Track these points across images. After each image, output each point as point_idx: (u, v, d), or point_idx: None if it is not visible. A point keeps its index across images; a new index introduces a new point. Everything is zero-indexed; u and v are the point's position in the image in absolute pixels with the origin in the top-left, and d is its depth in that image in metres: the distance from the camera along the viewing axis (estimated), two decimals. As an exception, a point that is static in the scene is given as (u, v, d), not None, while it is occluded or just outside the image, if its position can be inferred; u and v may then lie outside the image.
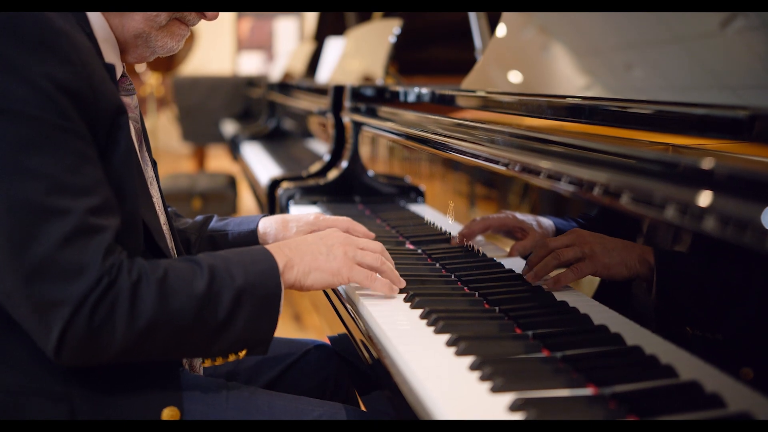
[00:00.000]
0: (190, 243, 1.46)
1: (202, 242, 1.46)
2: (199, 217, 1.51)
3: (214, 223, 1.49)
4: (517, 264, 1.28)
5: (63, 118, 0.92)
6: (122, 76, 1.14)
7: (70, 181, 0.92)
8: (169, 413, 1.05)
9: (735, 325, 0.82)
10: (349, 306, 1.24)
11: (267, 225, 1.44)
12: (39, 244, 0.89)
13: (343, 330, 1.32)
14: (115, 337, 0.92)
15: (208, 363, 1.06)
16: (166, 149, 9.30)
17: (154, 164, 1.29)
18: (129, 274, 0.93)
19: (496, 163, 1.24)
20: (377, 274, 1.19)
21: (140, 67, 7.12)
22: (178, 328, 0.96)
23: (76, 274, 0.90)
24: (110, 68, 1.04)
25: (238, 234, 1.44)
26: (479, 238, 1.42)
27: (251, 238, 1.43)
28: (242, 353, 1.06)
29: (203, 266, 1.00)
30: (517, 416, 0.80)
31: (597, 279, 1.08)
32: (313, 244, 1.14)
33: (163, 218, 1.22)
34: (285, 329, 1.03)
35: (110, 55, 1.08)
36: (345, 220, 1.44)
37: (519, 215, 1.26)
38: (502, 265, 1.31)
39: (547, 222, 1.18)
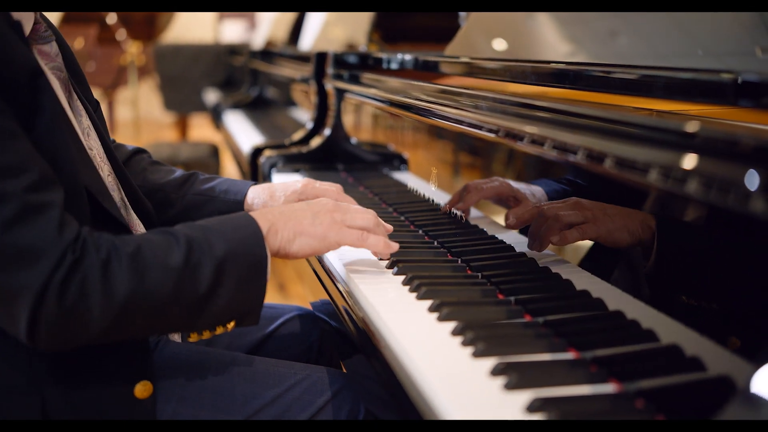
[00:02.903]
0: (170, 203, 1.37)
1: (185, 204, 1.37)
2: (178, 173, 1.41)
3: (199, 184, 1.39)
4: (500, 231, 1.28)
5: None
6: (36, 23, 1.03)
7: None
8: (141, 389, 1.03)
9: (717, 290, 0.82)
10: (331, 272, 1.24)
11: (254, 195, 1.39)
12: None
13: (326, 297, 1.32)
14: (92, 318, 0.87)
15: (194, 337, 1.01)
16: (148, 118, 9.20)
17: (97, 105, 1.20)
18: (97, 252, 0.88)
19: (480, 128, 1.23)
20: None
21: (120, 36, 7.00)
22: (158, 304, 0.91)
23: (32, 258, 0.84)
24: (16, 26, 0.95)
25: (224, 201, 1.37)
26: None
27: (238, 208, 1.37)
28: (230, 325, 1.00)
29: (179, 237, 0.95)
30: (500, 380, 0.80)
31: (581, 244, 1.08)
32: (298, 210, 1.09)
33: (107, 169, 1.13)
34: (269, 298, 1.03)
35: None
36: (334, 190, 1.39)
37: (513, 183, 1.23)
38: (485, 232, 1.31)
39: (539, 190, 1.17)
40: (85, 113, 1.12)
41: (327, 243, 1.09)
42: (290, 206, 1.11)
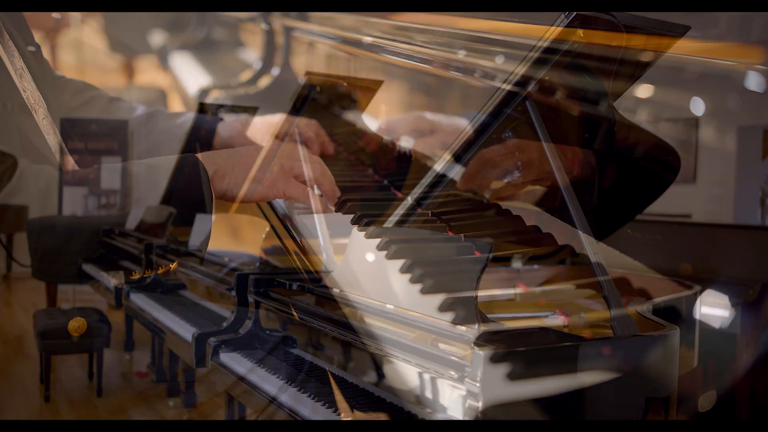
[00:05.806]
0: (136, 139, 1.37)
1: (151, 142, 1.38)
2: (140, 109, 1.41)
3: (165, 120, 1.40)
4: (450, 169, 1.27)
5: None
6: None
7: None
8: (74, 325, 1.01)
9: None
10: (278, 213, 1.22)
11: (231, 129, 1.40)
12: None
13: (278, 242, 1.29)
14: None
15: (137, 275, 1.00)
16: (94, 63, 8.92)
17: (37, 47, 1.17)
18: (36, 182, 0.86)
19: (432, 63, 1.20)
20: (314, 189, 1.12)
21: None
22: None
23: None
24: None
25: (195, 138, 1.39)
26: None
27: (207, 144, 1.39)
28: (174, 265, 0.98)
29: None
30: (447, 317, 0.79)
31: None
32: (247, 155, 1.07)
33: (42, 112, 1.10)
34: (221, 243, 1.00)
35: None
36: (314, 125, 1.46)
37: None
38: (435, 171, 1.29)
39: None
40: (18, 54, 1.08)
41: (275, 191, 1.07)
42: (238, 150, 1.08)
